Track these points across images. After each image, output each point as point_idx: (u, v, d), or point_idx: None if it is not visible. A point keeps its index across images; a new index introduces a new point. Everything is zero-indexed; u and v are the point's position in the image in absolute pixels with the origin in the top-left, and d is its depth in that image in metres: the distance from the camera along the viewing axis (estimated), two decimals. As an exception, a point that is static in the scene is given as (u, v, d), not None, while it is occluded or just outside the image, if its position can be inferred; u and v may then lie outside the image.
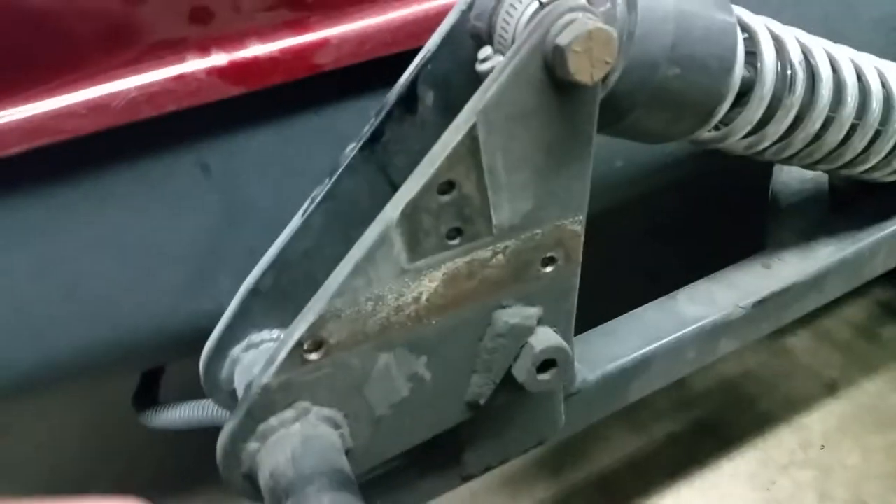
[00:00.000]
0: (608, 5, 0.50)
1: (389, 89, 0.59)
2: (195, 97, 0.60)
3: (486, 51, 0.51)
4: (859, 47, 0.89)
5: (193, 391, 0.76)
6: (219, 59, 0.60)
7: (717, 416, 1.36)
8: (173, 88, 0.59)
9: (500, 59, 0.49)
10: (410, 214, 0.49)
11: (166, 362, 0.83)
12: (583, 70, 0.44)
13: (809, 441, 1.29)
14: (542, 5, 0.46)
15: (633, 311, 0.77)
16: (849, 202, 0.90)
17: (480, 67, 0.51)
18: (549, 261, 0.55)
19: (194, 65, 0.59)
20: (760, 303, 0.76)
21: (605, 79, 0.51)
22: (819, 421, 1.32)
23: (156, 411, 0.82)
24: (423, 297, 0.52)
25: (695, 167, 0.92)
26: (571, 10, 0.44)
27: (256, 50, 0.60)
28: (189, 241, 0.68)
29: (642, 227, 1.22)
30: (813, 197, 0.91)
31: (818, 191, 0.92)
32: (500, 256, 0.53)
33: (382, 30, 0.62)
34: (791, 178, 0.94)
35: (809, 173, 0.94)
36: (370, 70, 0.63)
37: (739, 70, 0.55)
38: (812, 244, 0.83)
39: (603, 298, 0.80)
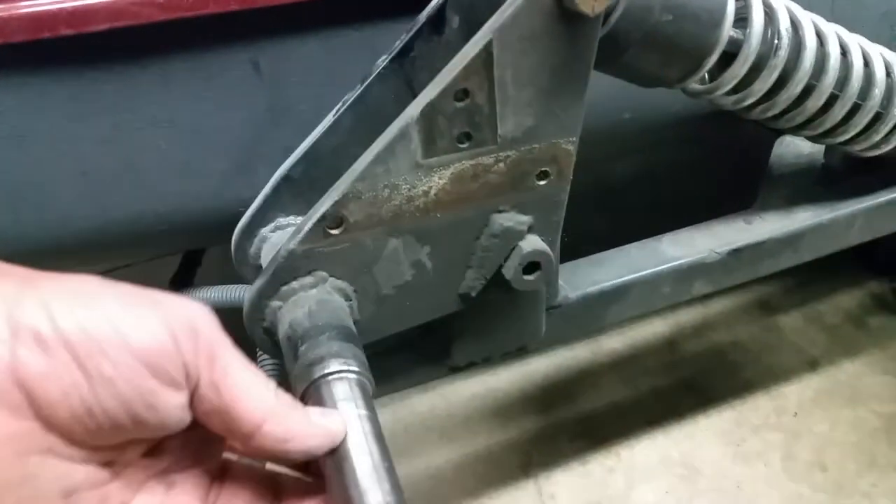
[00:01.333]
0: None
1: (421, 9, 0.67)
2: (254, 0, 0.69)
3: None
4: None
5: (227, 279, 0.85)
6: (277, -29, 0.68)
7: (702, 377, 1.45)
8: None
9: (517, -11, 0.57)
10: (429, 114, 0.57)
11: (206, 245, 0.92)
12: (585, 2, 0.52)
13: (784, 408, 1.37)
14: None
15: (621, 247, 0.85)
16: (837, 179, 0.97)
17: (501, -5, 0.59)
18: (544, 174, 0.63)
19: (255, -29, 0.68)
20: (735, 251, 0.84)
21: (606, 17, 0.59)
22: (796, 392, 1.40)
23: (190, 291, 0.91)
24: (432, 192, 0.60)
25: (702, 133, 0.99)
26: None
27: (311, -33, 0.69)
28: (235, 132, 0.76)
29: (652, 178, 1.30)
30: (804, 170, 0.98)
31: (811, 166, 0.99)
32: (502, 164, 0.61)
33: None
34: (788, 151, 1.01)
35: (806, 149, 1.02)
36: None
37: (728, 26, 0.62)
38: (794, 209, 0.90)
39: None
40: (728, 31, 0.63)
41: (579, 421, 1.38)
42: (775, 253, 0.87)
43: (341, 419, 0.46)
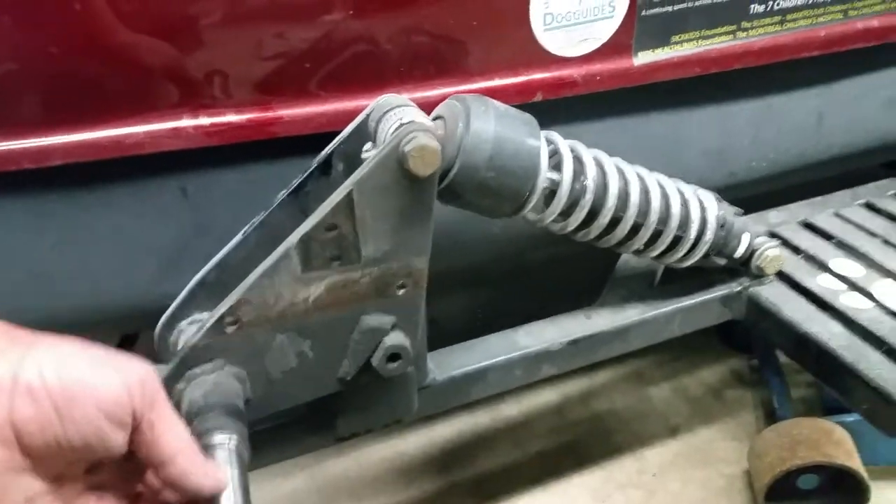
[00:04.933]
0: (456, 126, 0.72)
1: (316, 155, 0.80)
2: (184, 143, 0.81)
3: (368, 145, 0.73)
4: (689, 171, 1.12)
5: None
6: (204, 120, 0.81)
7: (581, 441, 1.57)
8: (169, 136, 0.80)
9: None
10: (305, 241, 0.69)
11: (140, 329, 1.02)
12: (418, 168, 0.65)
13: (645, 469, 1.49)
14: (402, 124, 0.67)
15: (484, 336, 0.98)
16: (672, 281, 1.11)
17: (363, 155, 0.73)
18: (402, 285, 0.76)
19: (187, 122, 0.80)
20: (574, 342, 0.97)
21: (446, 174, 0.73)
22: (657, 455, 1.53)
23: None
24: (311, 299, 0.72)
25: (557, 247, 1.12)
26: (416, 129, 0.65)
27: (231, 117, 0.82)
28: (166, 241, 0.88)
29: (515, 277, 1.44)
30: (643, 274, 1.12)
31: (650, 270, 1.14)
32: (367, 278, 0.73)
33: (318, 115, 0.83)
34: (633, 258, 1.16)
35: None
36: (306, 141, 0.84)
37: (543, 176, 0.76)
38: (626, 306, 1.03)
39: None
40: (544, 179, 0.77)
41: (474, 481, 1.49)
42: (607, 342, 1.00)
43: (226, 475, 0.58)
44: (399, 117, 0.69)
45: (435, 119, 0.78)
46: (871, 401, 0.86)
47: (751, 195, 1.23)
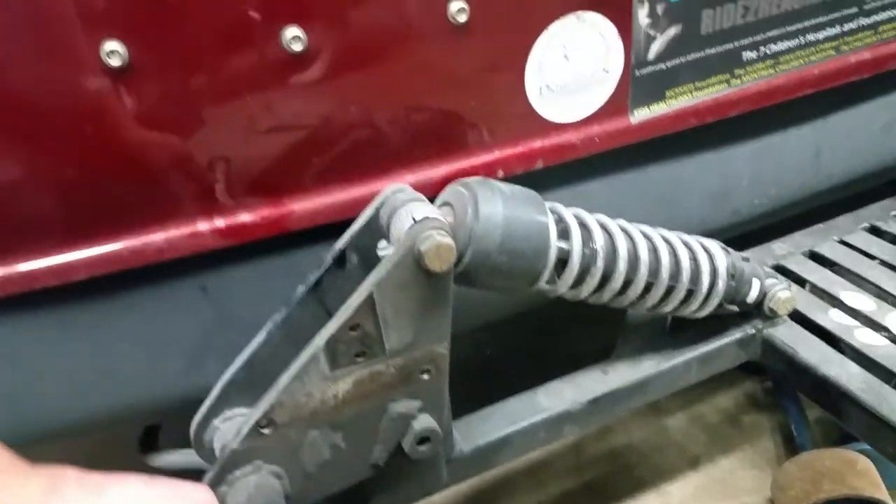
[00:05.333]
0: (465, 213, 0.74)
1: (328, 243, 0.81)
2: (202, 245, 0.83)
3: (383, 243, 0.74)
4: (692, 216, 1.14)
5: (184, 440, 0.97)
6: (219, 222, 0.83)
7: (602, 478, 1.57)
8: (187, 240, 0.82)
9: (391, 249, 0.72)
10: (331, 343, 0.70)
11: (167, 419, 1.03)
12: (434, 265, 0.67)
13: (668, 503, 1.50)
14: (415, 221, 0.69)
15: (504, 400, 0.99)
16: (682, 329, 1.12)
17: (380, 253, 0.74)
18: (426, 371, 0.77)
19: (203, 226, 0.82)
20: (594, 401, 0.98)
21: (459, 260, 0.74)
22: (679, 488, 1.53)
23: (156, 454, 1.01)
24: (340, 395, 0.73)
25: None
26: (430, 227, 0.67)
27: (244, 217, 0.83)
28: (189, 337, 0.89)
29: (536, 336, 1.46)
30: (655, 323, 1.13)
31: (661, 319, 1.15)
32: (392, 369, 0.75)
33: (327, 207, 0.85)
34: (643, 306, 1.17)
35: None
36: (317, 231, 0.86)
37: (553, 253, 0.78)
38: (641, 358, 1.05)
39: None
40: (554, 252, 0.79)
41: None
42: (627, 397, 1.01)
43: None
44: (411, 214, 0.70)
45: (441, 205, 0.79)
46: (894, 443, 0.87)
47: (754, 229, 1.25)
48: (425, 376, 0.77)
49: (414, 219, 0.69)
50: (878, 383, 0.92)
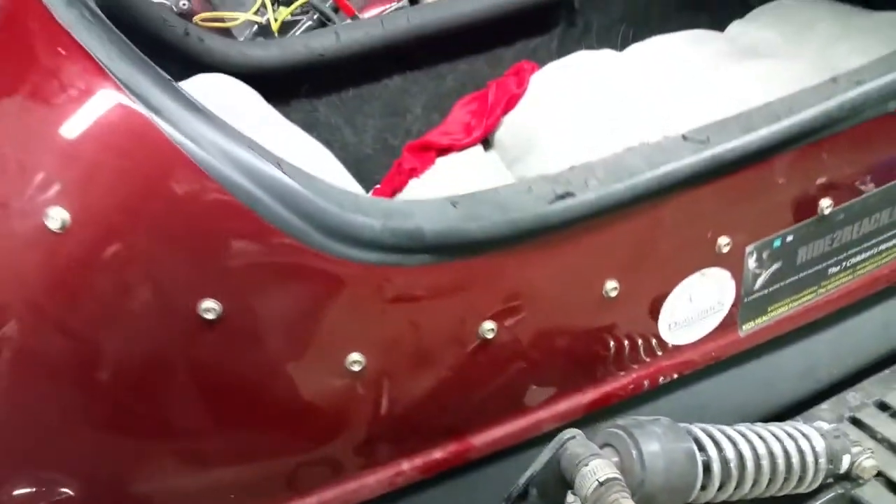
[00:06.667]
0: (630, 457, 0.91)
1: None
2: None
3: (571, 496, 0.92)
4: (784, 392, 1.30)
5: None
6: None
7: None
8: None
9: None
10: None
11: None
12: (617, 520, 0.85)
13: None
14: (599, 483, 0.86)
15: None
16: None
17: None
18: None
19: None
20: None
21: (633, 493, 0.91)
22: None
23: None
24: None
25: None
26: (615, 492, 0.85)
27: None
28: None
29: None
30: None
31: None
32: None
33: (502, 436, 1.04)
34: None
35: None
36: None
37: (700, 480, 0.95)
38: None
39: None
40: (700, 480, 0.96)
41: None
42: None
43: None
44: (594, 474, 0.86)
45: (603, 446, 0.96)
46: None
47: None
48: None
49: (598, 480, 0.86)
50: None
